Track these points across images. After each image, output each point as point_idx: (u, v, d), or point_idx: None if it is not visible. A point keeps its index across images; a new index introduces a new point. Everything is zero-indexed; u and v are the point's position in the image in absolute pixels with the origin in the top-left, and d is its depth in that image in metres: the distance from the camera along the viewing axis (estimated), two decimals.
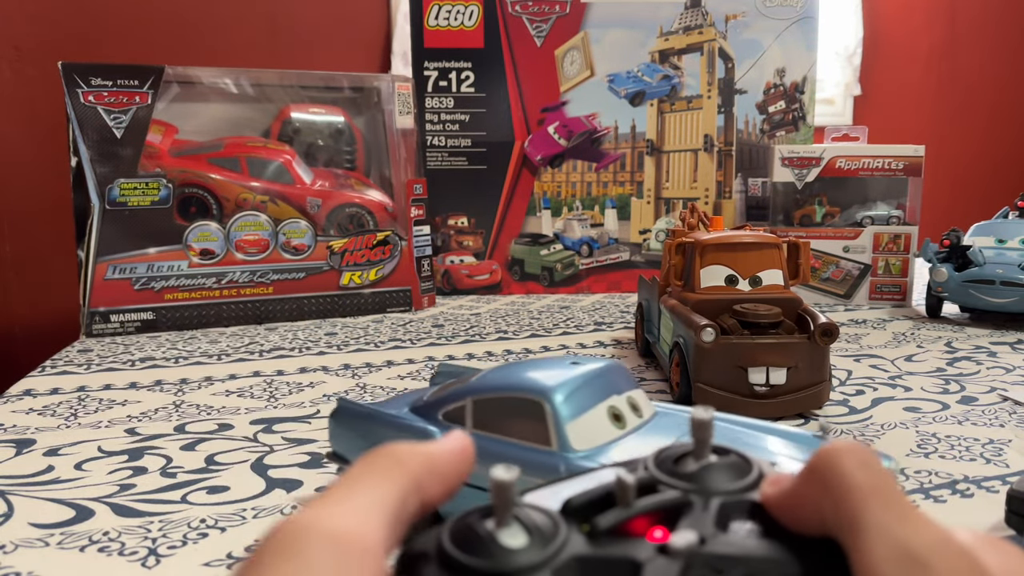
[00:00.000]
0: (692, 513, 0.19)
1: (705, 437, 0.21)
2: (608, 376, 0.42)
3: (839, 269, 1.15)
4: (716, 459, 0.21)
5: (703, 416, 0.21)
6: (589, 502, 0.20)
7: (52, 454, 0.59)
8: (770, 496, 0.19)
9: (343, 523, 0.17)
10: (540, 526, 0.19)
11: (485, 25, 1.22)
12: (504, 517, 0.19)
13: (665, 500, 0.20)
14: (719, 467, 0.21)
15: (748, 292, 0.69)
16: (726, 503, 0.20)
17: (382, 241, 1.11)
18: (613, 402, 0.41)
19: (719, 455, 0.21)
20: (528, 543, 0.18)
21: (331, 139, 1.15)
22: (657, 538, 0.19)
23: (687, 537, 0.18)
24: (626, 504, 0.19)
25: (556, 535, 0.19)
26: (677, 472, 0.21)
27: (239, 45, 1.73)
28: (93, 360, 0.87)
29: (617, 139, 1.26)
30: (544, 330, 1.00)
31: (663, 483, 0.21)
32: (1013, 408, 0.67)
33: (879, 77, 2.27)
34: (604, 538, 0.19)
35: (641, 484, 0.20)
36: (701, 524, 0.19)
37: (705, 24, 1.24)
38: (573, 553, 0.18)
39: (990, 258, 0.98)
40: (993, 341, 0.91)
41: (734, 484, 0.20)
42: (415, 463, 0.20)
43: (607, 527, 0.19)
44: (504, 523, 0.19)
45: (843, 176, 1.15)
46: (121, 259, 0.99)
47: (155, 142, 1.02)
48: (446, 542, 0.19)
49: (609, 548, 0.19)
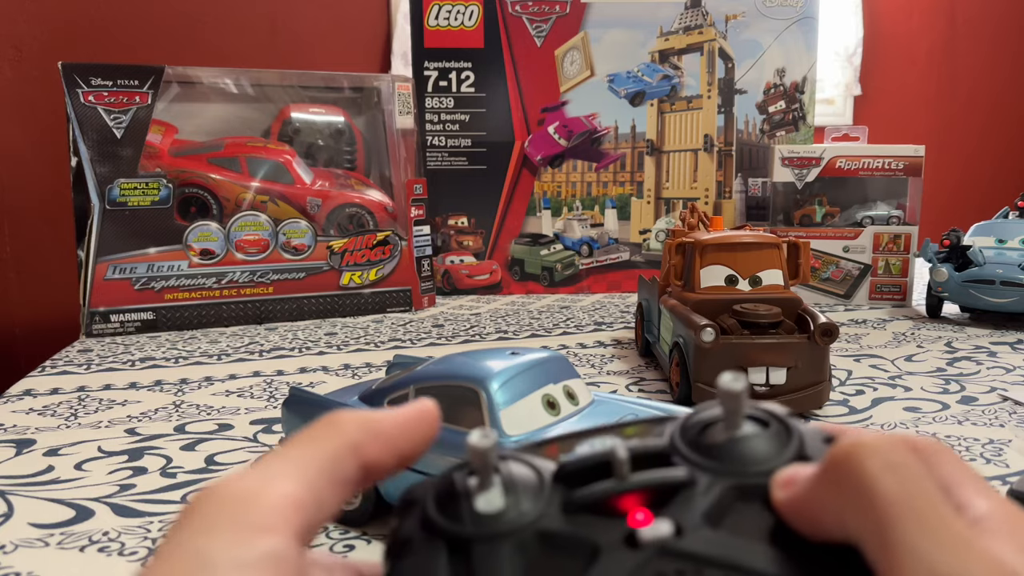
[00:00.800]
0: (687, 497, 0.17)
1: (735, 409, 0.19)
2: (545, 366, 0.45)
3: (839, 269, 1.15)
4: (751, 431, 0.19)
5: (731, 387, 0.18)
6: (585, 469, 0.19)
7: (52, 454, 0.59)
8: (781, 502, 0.17)
9: (246, 484, 0.18)
10: (521, 492, 0.18)
11: (485, 25, 1.22)
12: (485, 481, 0.18)
13: (659, 479, 0.18)
14: (747, 441, 0.18)
15: (748, 292, 0.69)
16: (738, 487, 0.17)
17: (382, 241, 1.11)
18: (548, 390, 0.44)
19: (759, 424, 0.19)
20: (502, 510, 0.18)
21: (331, 139, 1.15)
22: (638, 521, 0.17)
23: (659, 529, 0.17)
24: (621, 477, 0.18)
25: (535, 504, 0.18)
26: (700, 443, 0.19)
27: (239, 45, 1.73)
28: (93, 360, 0.87)
29: (617, 139, 1.26)
30: (544, 330, 1.00)
31: (678, 453, 0.19)
32: (1013, 408, 0.67)
33: (879, 77, 2.27)
34: (582, 512, 0.18)
35: (653, 453, 0.19)
36: (688, 512, 0.17)
37: (705, 24, 1.24)
38: (540, 528, 0.18)
39: (990, 258, 0.98)
40: (993, 341, 0.91)
41: (755, 466, 0.18)
42: (352, 427, 0.20)
43: (585, 502, 0.18)
44: (486, 485, 0.18)
45: (843, 176, 1.15)
46: (121, 259, 0.99)
47: (155, 142, 1.02)
48: (429, 496, 0.19)
49: (580, 526, 0.18)
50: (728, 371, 0.19)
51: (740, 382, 0.18)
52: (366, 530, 0.45)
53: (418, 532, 0.19)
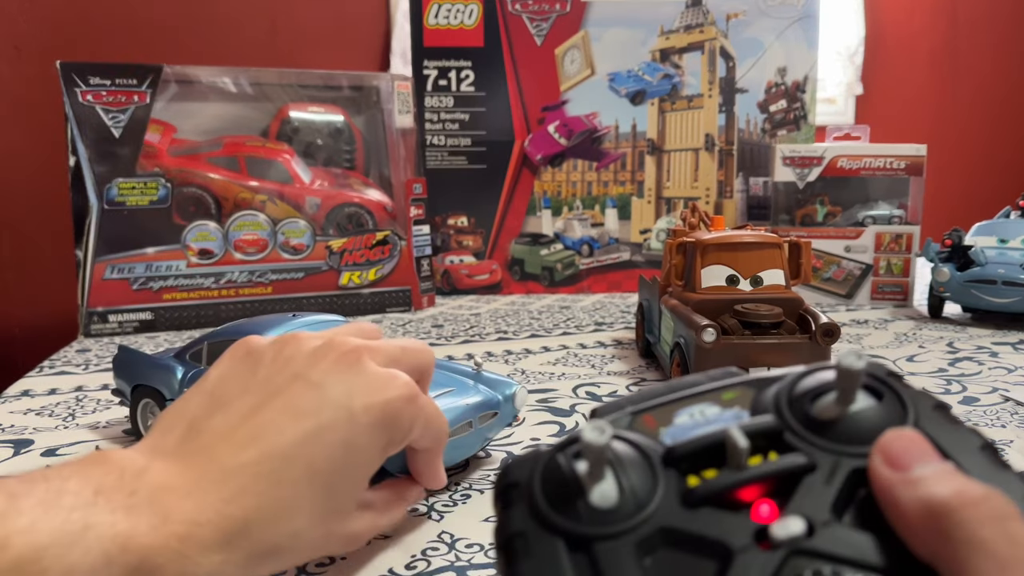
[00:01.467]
0: (811, 485, 0.17)
1: (851, 386, 0.18)
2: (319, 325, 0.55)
3: (840, 269, 1.15)
4: (865, 403, 0.18)
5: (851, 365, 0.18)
6: (695, 452, 0.18)
7: (50, 454, 0.59)
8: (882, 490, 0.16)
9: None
10: (635, 483, 0.17)
11: (485, 24, 1.21)
12: (598, 472, 0.17)
13: (783, 466, 0.17)
14: (863, 417, 0.18)
15: (749, 292, 0.68)
16: (856, 471, 0.17)
17: (381, 241, 1.11)
18: None
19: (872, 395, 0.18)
20: (618, 503, 0.17)
21: (330, 138, 1.15)
22: (762, 515, 0.17)
23: (791, 527, 0.16)
24: (738, 465, 0.17)
25: (651, 496, 0.17)
26: (811, 417, 0.18)
27: (239, 44, 1.72)
28: (91, 360, 0.87)
29: (617, 138, 1.26)
30: (544, 330, 0.99)
31: (792, 431, 0.18)
32: (1015, 409, 0.67)
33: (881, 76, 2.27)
34: (702, 505, 0.17)
35: (765, 431, 0.18)
36: (815, 504, 0.16)
37: (706, 23, 1.23)
38: (662, 524, 0.17)
39: (992, 258, 0.98)
40: (995, 341, 0.91)
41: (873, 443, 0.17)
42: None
43: (707, 495, 0.17)
44: (598, 476, 0.17)
45: (845, 175, 1.14)
46: (119, 259, 0.99)
47: (153, 141, 1.02)
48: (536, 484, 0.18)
49: (703, 522, 0.17)
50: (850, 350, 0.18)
51: (862, 360, 0.18)
52: None
53: (532, 527, 0.18)
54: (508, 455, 0.58)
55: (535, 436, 0.62)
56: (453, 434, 0.47)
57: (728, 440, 0.17)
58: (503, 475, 0.19)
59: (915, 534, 0.16)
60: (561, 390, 0.73)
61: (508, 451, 0.59)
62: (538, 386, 0.75)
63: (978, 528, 0.15)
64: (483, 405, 0.51)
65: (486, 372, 0.56)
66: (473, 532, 0.44)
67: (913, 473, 0.16)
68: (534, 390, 0.74)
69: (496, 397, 0.53)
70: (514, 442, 0.60)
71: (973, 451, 0.18)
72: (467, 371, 0.56)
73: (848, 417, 0.18)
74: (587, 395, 0.72)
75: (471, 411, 0.50)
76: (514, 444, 0.60)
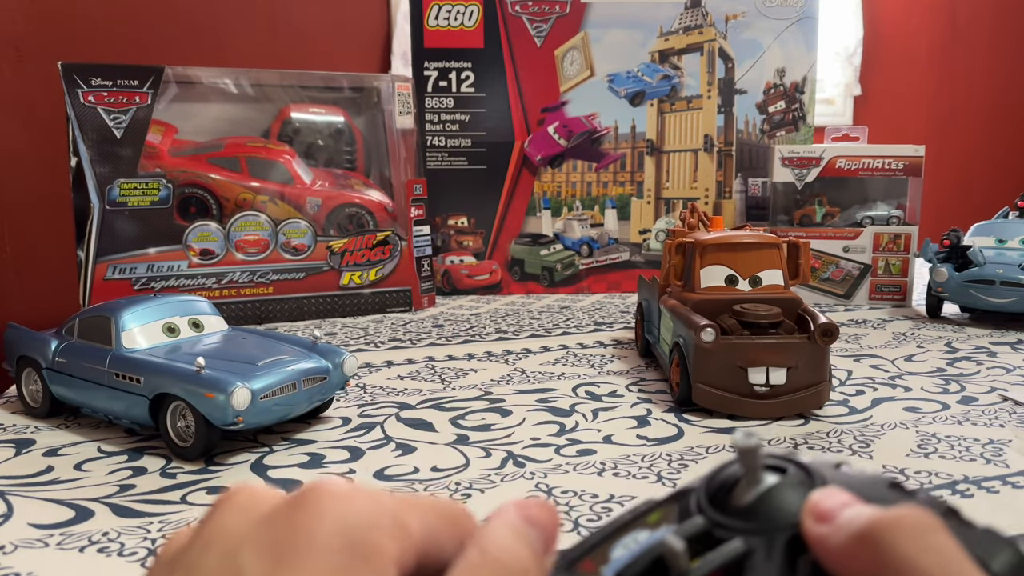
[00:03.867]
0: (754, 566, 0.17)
1: (754, 464, 0.19)
2: (176, 304, 0.67)
3: (839, 269, 1.15)
4: (773, 481, 0.19)
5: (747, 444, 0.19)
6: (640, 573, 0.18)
7: (52, 454, 0.59)
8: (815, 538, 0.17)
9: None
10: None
11: (485, 25, 1.22)
12: None
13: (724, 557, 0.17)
14: (777, 492, 0.19)
15: (748, 292, 0.69)
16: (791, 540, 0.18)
17: (382, 241, 1.11)
18: (172, 320, 0.65)
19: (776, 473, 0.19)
20: None
21: (331, 139, 1.15)
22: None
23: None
24: (681, 571, 0.17)
25: None
26: (731, 507, 0.19)
27: (239, 45, 1.73)
28: None
29: (617, 139, 1.26)
30: (544, 330, 1.00)
31: (719, 525, 0.18)
32: (1013, 408, 0.67)
33: (879, 77, 2.27)
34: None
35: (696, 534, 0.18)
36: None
37: (705, 24, 1.24)
38: None
39: (990, 258, 0.98)
40: (993, 341, 0.91)
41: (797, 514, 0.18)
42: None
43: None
44: None
45: (843, 176, 1.15)
46: (121, 259, 0.99)
47: (155, 142, 1.02)
48: None
49: None
50: (739, 431, 0.19)
51: (753, 438, 0.19)
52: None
53: None
54: (508, 454, 0.58)
55: (535, 436, 0.62)
56: (278, 393, 0.58)
57: (665, 548, 0.18)
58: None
59: (856, 571, 0.16)
60: (561, 390, 0.74)
61: (508, 450, 0.59)
62: (538, 386, 0.75)
63: (902, 546, 0.16)
64: (311, 371, 0.61)
65: (323, 344, 0.65)
66: None
67: (840, 520, 0.17)
68: (534, 390, 0.74)
69: (326, 365, 0.63)
70: (514, 441, 0.61)
71: (883, 490, 0.19)
72: (305, 342, 0.66)
73: (763, 496, 0.18)
74: (587, 395, 0.72)
75: (296, 375, 0.60)
76: (514, 443, 0.60)
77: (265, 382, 0.58)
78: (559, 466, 0.56)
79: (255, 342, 0.66)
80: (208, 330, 0.67)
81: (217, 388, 0.55)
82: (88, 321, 0.65)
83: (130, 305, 0.65)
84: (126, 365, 0.60)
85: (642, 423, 0.65)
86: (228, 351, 0.63)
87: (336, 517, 0.17)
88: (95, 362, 0.62)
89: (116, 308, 0.64)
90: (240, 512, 0.19)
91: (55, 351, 0.65)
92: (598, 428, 0.64)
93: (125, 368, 0.60)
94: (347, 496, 0.18)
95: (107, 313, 0.64)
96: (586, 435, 0.62)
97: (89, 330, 0.65)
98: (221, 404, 0.55)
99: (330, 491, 0.18)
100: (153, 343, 0.63)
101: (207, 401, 0.55)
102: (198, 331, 0.66)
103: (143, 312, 0.64)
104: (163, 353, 0.61)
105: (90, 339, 0.64)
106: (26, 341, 0.68)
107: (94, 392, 0.62)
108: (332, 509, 0.17)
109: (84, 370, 0.62)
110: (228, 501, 0.19)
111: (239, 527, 0.18)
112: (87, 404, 0.64)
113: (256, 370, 0.58)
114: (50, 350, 0.65)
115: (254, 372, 0.58)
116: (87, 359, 0.63)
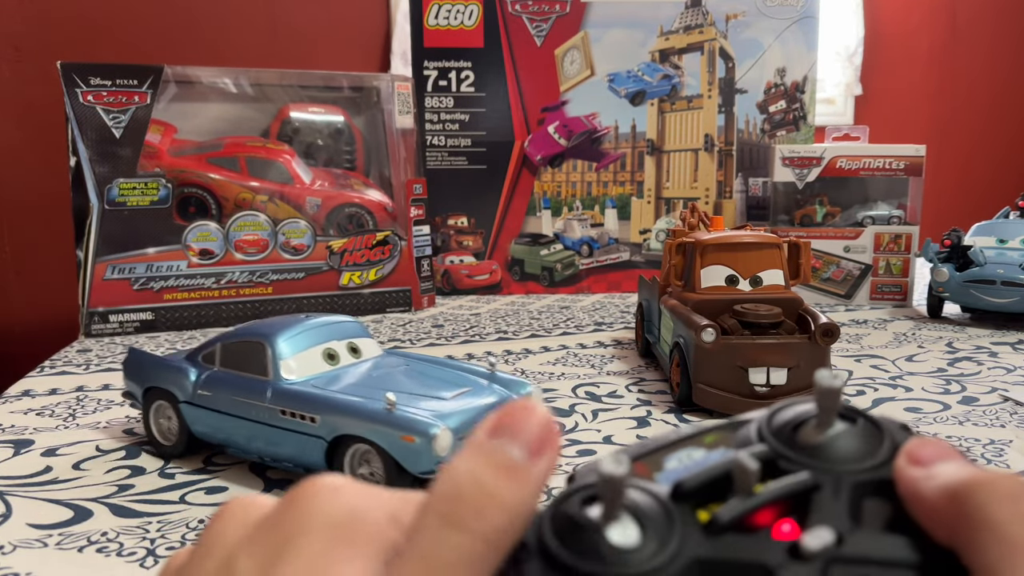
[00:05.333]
0: (822, 501, 0.17)
1: (831, 405, 0.18)
2: (331, 327, 0.57)
3: (840, 269, 1.15)
4: (843, 427, 0.18)
5: (831, 384, 0.18)
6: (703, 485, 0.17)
7: (50, 454, 0.59)
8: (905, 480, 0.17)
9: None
10: (652, 519, 0.17)
11: (485, 25, 1.21)
12: (613, 512, 0.17)
13: (793, 486, 0.17)
14: (847, 437, 0.18)
15: (748, 292, 0.68)
16: (858, 485, 0.17)
17: (382, 241, 1.11)
18: (330, 346, 0.56)
19: (846, 421, 0.19)
20: (641, 541, 0.16)
21: (331, 139, 1.15)
22: (785, 533, 0.16)
23: (822, 537, 0.16)
24: (747, 491, 0.17)
25: (671, 530, 0.17)
26: (798, 443, 0.18)
27: (239, 45, 1.72)
28: (92, 360, 0.87)
29: (617, 139, 1.26)
30: (544, 330, 1.00)
31: (785, 458, 0.18)
32: (1014, 408, 0.67)
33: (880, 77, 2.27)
34: (725, 534, 0.17)
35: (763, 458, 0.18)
36: (835, 516, 0.17)
37: (705, 24, 1.24)
38: (694, 555, 0.16)
39: (991, 258, 0.98)
40: (994, 341, 0.91)
41: (865, 461, 0.18)
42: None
43: (729, 521, 0.17)
44: (613, 516, 0.17)
45: (844, 176, 1.14)
46: (120, 259, 0.99)
47: (154, 142, 1.02)
48: (548, 535, 0.17)
49: (733, 548, 0.16)
50: (825, 370, 0.19)
51: (839, 379, 0.18)
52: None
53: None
54: None
55: None
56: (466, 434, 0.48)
57: (738, 467, 0.17)
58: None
59: (938, 522, 0.16)
60: (561, 390, 0.73)
61: None
62: (538, 386, 0.75)
63: (993, 508, 0.16)
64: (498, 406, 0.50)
65: (500, 372, 0.56)
66: None
67: (935, 469, 0.17)
68: None
69: (511, 396, 0.53)
70: None
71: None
72: (482, 371, 0.56)
73: (831, 440, 0.18)
74: (587, 395, 0.72)
75: (482, 412, 0.50)
76: None
77: (459, 420, 0.48)
78: (559, 466, 0.56)
79: (426, 370, 0.56)
80: (366, 355, 0.58)
81: (415, 430, 0.46)
82: (235, 347, 0.55)
83: (283, 328, 0.55)
84: (295, 401, 0.51)
85: (642, 423, 0.64)
86: (404, 382, 0.54)
87: (324, 507, 0.18)
88: (251, 396, 0.52)
89: (268, 332, 0.54)
90: (236, 519, 0.19)
91: (196, 382, 0.55)
92: (598, 428, 0.63)
93: (294, 404, 0.51)
94: (337, 488, 0.18)
95: (258, 338, 0.54)
96: (586, 435, 0.62)
97: (236, 358, 0.55)
98: (421, 448, 0.46)
99: (321, 486, 0.18)
100: (315, 373, 0.54)
101: (403, 445, 0.46)
102: (356, 356, 0.57)
103: (300, 336, 0.55)
104: (329, 384, 0.52)
105: (239, 368, 0.55)
106: (155, 369, 0.58)
107: (250, 431, 0.53)
108: (321, 501, 0.18)
109: (236, 405, 0.53)
110: (226, 511, 0.20)
111: (235, 533, 0.19)
112: (238, 445, 0.54)
113: (448, 406, 0.50)
114: (189, 381, 0.55)
115: (447, 409, 0.49)
116: (239, 392, 0.53)
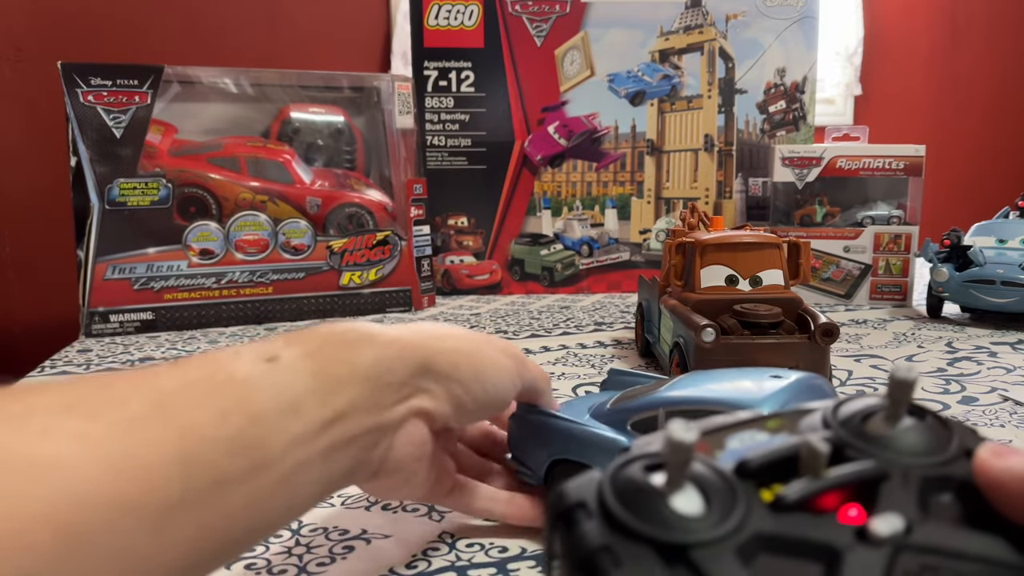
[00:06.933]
0: (891, 489, 0.17)
1: (903, 398, 0.18)
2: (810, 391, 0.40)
3: (839, 269, 1.15)
4: (912, 422, 0.18)
5: (906, 376, 0.18)
6: (768, 464, 0.17)
7: None
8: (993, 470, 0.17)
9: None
10: (717, 490, 0.17)
11: (485, 25, 1.21)
12: (678, 480, 0.17)
13: (863, 472, 0.17)
14: (916, 432, 0.18)
15: (748, 292, 0.68)
16: (927, 479, 0.17)
17: (382, 241, 1.11)
18: None
19: (915, 417, 0.19)
20: (705, 511, 0.16)
21: (331, 139, 1.15)
22: (851, 518, 0.16)
23: (892, 523, 0.16)
24: (814, 473, 0.17)
25: (735, 504, 0.17)
26: (866, 434, 0.18)
27: (239, 45, 1.73)
28: (92, 360, 0.87)
29: (617, 139, 1.26)
30: (544, 330, 1.00)
31: (852, 446, 0.18)
32: (1014, 409, 0.67)
33: (880, 77, 2.27)
34: (790, 512, 0.17)
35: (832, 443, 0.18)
36: (903, 505, 0.16)
37: (705, 24, 1.24)
38: (758, 529, 0.16)
39: (991, 258, 0.98)
40: (994, 341, 0.91)
41: (934, 456, 0.17)
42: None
43: (796, 501, 0.17)
44: (677, 485, 0.17)
45: (844, 176, 1.15)
46: (120, 259, 0.99)
47: (155, 142, 1.02)
48: (609, 497, 0.17)
49: (799, 527, 0.16)
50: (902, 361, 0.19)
51: (913, 372, 0.18)
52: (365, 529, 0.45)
53: (616, 540, 0.16)
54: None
55: None
56: None
57: (807, 448, 0.17)
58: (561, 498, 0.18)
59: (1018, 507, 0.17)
60: (561, 390, 0.74)
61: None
62: None
63: None
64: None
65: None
66: (473, 532, 0.44)
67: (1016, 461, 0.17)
68: None
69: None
70: None
71: None
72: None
73: (901, 432, 0.18)
74: (587, 395, 0.72)
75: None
76: None
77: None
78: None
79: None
80: None
81: None
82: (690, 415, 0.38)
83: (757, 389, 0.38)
84: None
85: None
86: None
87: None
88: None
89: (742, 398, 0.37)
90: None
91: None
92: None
93: None
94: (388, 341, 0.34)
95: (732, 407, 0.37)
96: None
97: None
98: None
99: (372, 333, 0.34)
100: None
101: None
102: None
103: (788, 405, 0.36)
104: None
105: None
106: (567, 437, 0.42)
107: None
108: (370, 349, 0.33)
109: None
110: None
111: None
112: None
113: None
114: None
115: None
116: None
